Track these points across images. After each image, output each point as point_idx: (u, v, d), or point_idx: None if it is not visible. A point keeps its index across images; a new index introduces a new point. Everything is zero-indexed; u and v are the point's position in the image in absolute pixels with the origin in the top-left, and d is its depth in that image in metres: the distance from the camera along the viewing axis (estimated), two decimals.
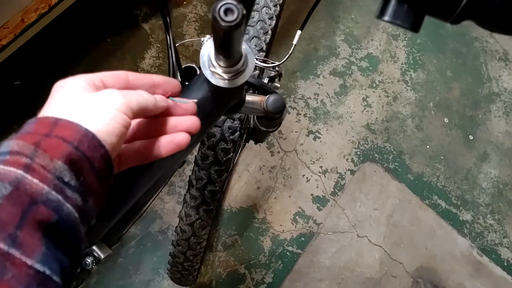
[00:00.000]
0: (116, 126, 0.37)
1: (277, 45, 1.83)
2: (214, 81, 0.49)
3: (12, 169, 0.31)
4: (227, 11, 0.37)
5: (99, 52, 1.69)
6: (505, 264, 1.74)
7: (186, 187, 0.93)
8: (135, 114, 0.40)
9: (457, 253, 1.73)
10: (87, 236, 0.37)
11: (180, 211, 0.93)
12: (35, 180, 0.31)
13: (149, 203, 0.69)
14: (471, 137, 1.91)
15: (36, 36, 1.31)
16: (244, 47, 0.49)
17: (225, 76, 0.49)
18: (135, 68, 1.69)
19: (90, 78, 0.40)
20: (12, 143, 0.33)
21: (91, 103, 0.38)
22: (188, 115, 0.47)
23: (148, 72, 1.70)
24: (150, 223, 1.53)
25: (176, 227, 0.96)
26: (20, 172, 0.31)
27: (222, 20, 0.37)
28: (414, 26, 0.38)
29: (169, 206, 1.56)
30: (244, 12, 0.37)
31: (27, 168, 0.31)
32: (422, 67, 1.98)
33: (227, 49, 0.43)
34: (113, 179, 0.39)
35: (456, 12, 0.36)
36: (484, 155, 1.89)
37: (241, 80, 0.50)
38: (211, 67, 0.49)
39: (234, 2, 0.37)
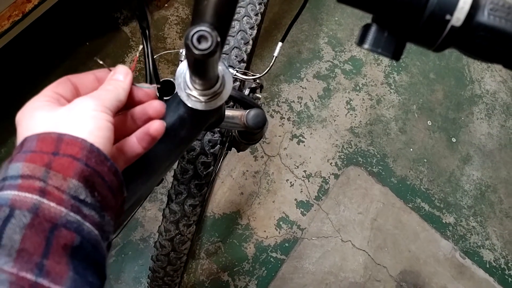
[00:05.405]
0: (100, 123, 0.37)
1: (260, 48, 1.81)
2: (190, 103, 0.48)
3: (27, 194, 0.31)
4: (201, 38, 0.35)
5: (78, 56, 1.65)
6: (487, 266, 1.75)
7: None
8: (113, 110, 0.40)
9: (440, 255, 1.73)
10: (107, 252, 0.37)
11: (159, 226, 0.91)
12: (52, 204, 0.31)
13: (125, 222, 0.67)
14: (454, 140, 1.91)
15: (12, 42, 1.27)
16: (220, 68, 0.47)
17: (202, 98, 0.47)
18: None
19: (46, 95, 0.39)
20: (21, 166, 0.32)
21: (68, 114, 0.37)
22: (151, 100, 0.46)
23: None
24: (131, 231, 1.50)
25: (156, 241, 0.94)
26: (36, 197, 0.31)
27: (195, 48, 0.35)
28: (395, 54, 0.36)
29: (151, 214, 1.54)
30: (219, 39, 0.36)
31: (43, 192, 0.31)
32: (406, 69, 1.98)
33: (202, 75, 0.42)
34: (125, 192, 0.38)
35: (438, 41, 0.35)
36: (467, 157, 1.90)
37: (219, 102, 0.48)
38: (187, 89, 0.47)
39: (208, 29, 0.35)
